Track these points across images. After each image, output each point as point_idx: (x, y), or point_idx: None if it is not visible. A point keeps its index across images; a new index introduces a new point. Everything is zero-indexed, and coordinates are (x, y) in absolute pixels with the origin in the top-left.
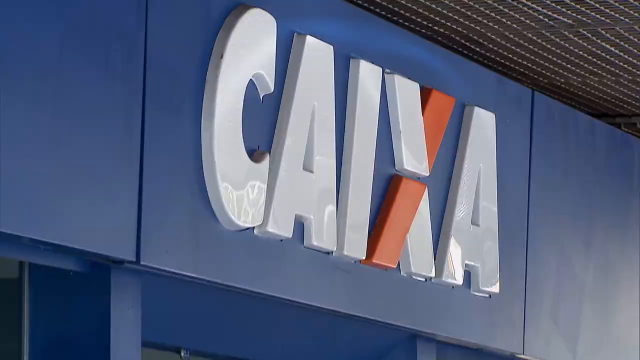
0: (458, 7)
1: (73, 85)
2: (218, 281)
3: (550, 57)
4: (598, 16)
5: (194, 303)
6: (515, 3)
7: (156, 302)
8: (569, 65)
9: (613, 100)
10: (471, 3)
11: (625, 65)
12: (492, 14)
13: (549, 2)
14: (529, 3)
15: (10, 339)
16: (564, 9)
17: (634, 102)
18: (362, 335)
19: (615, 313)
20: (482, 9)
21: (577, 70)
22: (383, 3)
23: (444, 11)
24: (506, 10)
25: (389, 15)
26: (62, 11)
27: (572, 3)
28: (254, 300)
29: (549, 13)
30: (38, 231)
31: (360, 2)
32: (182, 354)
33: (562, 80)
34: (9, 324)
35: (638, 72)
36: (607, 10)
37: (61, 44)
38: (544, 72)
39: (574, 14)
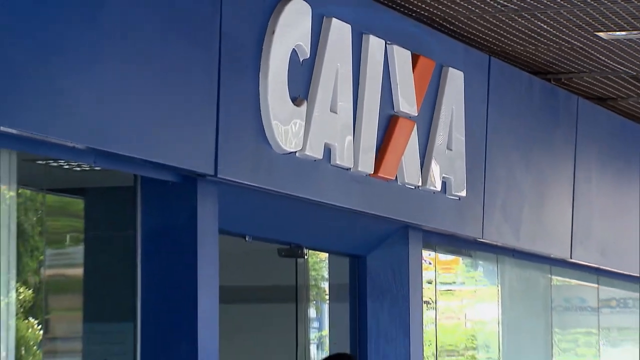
0: None
1: (172, 51)
2: (271, 188)
3: (501, 32)
4: (535, 3)
5: (254, 203)
6: None
7: (228, 203)
8: (514, 38)
9: (545, 62)
10: None
11: (554, 38)
12: (460, 2)
13: None
14: None
15: (129, 227)
16: None
17: (559, 64)
18: (370, 226)
19: (546, 210)
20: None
21: (521, 42)
22: None
23: (427, 0)
24: None
25: (389, 3)
26: (162, 1)
27: None
28: (295, 202)
29: (501, 1)
30: (146, 153)
31: None
32: (246, 238)
33: (510, 48)
34: (127, 218)
35: (563, 43)
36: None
37: (164, 23)
38: (497, 43)
39: (518, 2)
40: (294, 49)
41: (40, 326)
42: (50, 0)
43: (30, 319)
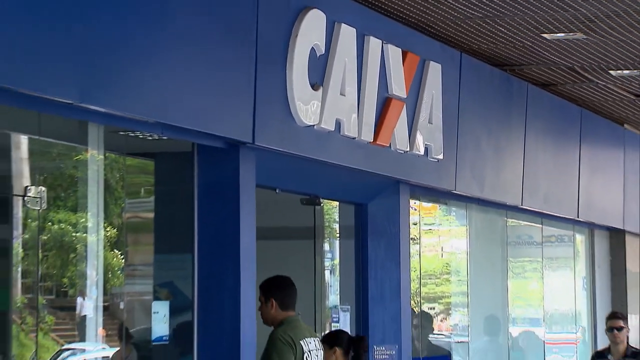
0: (420, 7)
1: (220, 48)
2: (295, 153)
3: (470, 33)
4: (495, 12)
5: (283, 164)
6: (451, 2)
7: (263, 163)
8: (480, 39)
9: (503, 57)
10: (427, 4)
11: (510, 38)
12: (438, 10)
13: (470, 3)
14: (457, 6)
15: (188, 183)
16: (478, 6)
17: (514, 58)
18: (370, 180)
19: (503, 169)
20: (433, 8)
21: (484, 41)
22: (382, 5)
23: (412, 9)
24: (445, 8)
25: (385, 12)
26: (200, 2)
27: (482, 5)
28: (314, 162)
29: (469, 10)
30: (201, 125)
31: (370, 5)
32: (276, 190)
33: (476, 46)
34: (186, 176)
35: (516, 42)
36: (500, 8)
37: (214, 26)
38: (467, 42)
39: (484, 9)
40: (312, 47)
41: (122, 256)
42: (127, 12)
43: (115, 250)
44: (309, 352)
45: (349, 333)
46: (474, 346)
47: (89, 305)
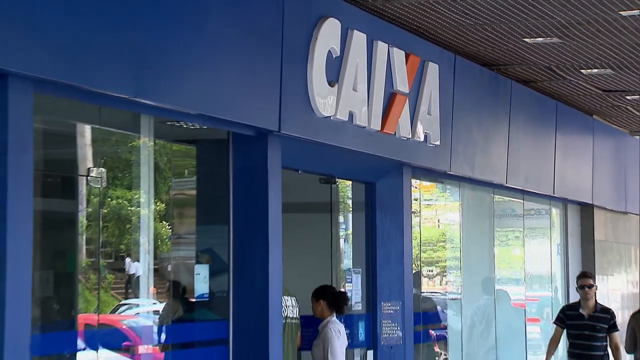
0: (420, 16)
1: (251, 50)
2: (315, 139)
3: (463, 38)
4: (484, 19)
5: (304, 149)
6: (446, 12)
7: (288, 148)
8: (471, 42)
9: (491, 58)
10: (427, 14)
11: (496, 42)
12: (436, 19)
13: (463, 13)
14: (452, 14)
15: (224, 165)
16: (469, 15)
17: (500, 59)
18: (377, 163)
19: (490, 153)
20: (431, 17)
21: (475, 45)
22: (388, 15)
23: (414, 18)
24: (442, 17)
25: (390, 20)
26: (235, 13)
27: (472, 13)
28: (330, 148)
29: (463, 18)
30: (235, 116)
31: (378, 14)
32: (299, 171)
33: (468, 49)
34: (223, 159)
35: (502, 45)
36: (488, 16)
37: (246, 31)
38: (460, 45)
39: (474, 17)
40: (329, 50)
41: (169, 226)
42: (174, 22)
43: (163, 222)
44: (285, 307)
45: (334, 288)
46: (467, 302)
47: (142, 268)
